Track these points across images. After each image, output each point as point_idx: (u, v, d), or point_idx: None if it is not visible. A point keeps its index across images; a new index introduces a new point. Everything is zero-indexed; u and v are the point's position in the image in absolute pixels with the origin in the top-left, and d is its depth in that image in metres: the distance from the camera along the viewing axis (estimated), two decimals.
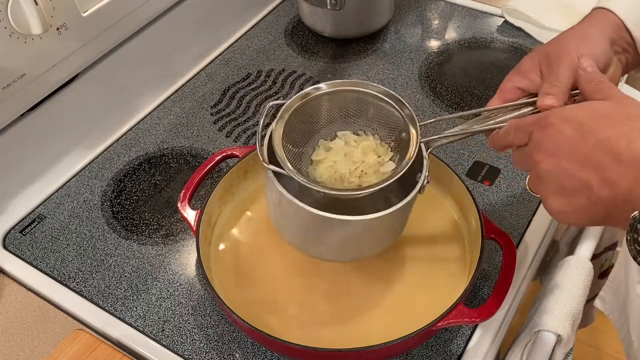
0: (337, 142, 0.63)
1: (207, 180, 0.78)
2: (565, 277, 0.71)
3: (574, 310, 0.68)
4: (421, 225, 0.72)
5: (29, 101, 0.76)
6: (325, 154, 0.62)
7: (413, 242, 0.70)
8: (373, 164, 0.61)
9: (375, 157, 0.61)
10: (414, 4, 1.08)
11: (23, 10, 0.67)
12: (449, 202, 0.73)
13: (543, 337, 0.66)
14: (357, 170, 0.61)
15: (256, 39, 1.04)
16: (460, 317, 0.59)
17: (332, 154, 0.62)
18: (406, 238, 0.71)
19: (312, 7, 0.99)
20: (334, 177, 0.61)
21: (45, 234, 0.77)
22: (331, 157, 0.62)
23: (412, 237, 0.71)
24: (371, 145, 0.62)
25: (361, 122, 0.63)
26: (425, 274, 0.68)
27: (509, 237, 0.65)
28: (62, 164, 0.84)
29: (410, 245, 0.70)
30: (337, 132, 0.63)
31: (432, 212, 0.73)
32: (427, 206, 0.73)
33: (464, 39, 1.01)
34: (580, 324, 0.75)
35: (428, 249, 0.70)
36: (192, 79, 0.97)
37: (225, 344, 0.66)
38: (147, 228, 0.77)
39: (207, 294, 0.70)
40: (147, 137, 0.89)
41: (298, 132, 0.61)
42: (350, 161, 0.61)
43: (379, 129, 0.63)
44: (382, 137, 0.63)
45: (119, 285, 0.71)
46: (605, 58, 0.58)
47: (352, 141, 0.63)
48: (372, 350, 0.58)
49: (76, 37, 0.76)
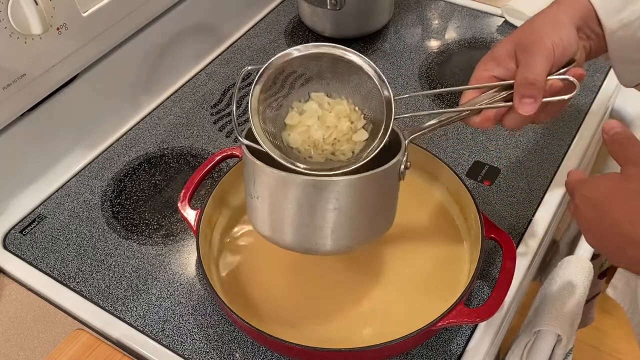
0: (310, 105, 0.62)
1: (207, 180, 0.78)
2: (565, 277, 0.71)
3: (574, 310, 0.68)
4: (421, 225, 0.72)
5: (29, 101, 0.76)
6: (298, 117, 0.61)
7: (413, 242, 0.71)
8: (346, 131, 0.60)
9: (348, 123, 0.60)
10: (414, 4, 1.08)
11: (23, 10, 0.67)
12: (449, 202, 0.73)
13: (543, 337, 0.66)
14: (330, 137, 0.60)
15: (256, 39, 1.04)
16: (460, 317, 0.59)
17: (305, 117, 0.61)
18: (406, 238, 0.71)
19: (312, 7, 0.99)
20: (308, 143, 0.60)
21: (45, 234, 0.77)
22: (305, 121, 0.61)
23: (412, 237, 0.71)
24: (344, 109, 0.61)
25: (336, 84, 0.62)
26: (425, 274, 0.68)
27: (509, 237, 0.65)
28: (62, 164, 0.84)
29: (410, 245, 0.70)
30: (311, 94, 0.62)
31: (432, 212, 0.73)
32: (426, 206, 0.73)
33: (464, 39, 1.01)
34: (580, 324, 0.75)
35: (428, 249, 0.70)
36: (192, 79, 0.97)
37: (225, 344, 0.66)
38: (147, 228, 0.77)
39: (207, 294, 0.70)
40: (147, 137, 0.89)
41: (273, 94, 0.60)
42: (324, 126, 0.60)
43: (353, 94, 0.62)
44: (356, 102, 0.62)
45: (119, 285, 0.72)
46: (575, 46, 0.58)
47: (326, 104, 0.62)
48: (372, 350, 0.58)
49: (76, 37, 0.76)
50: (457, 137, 0.85)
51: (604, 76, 0.92)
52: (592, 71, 0.92)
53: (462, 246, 0.70)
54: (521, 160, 0.82)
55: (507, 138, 0.84)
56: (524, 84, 0.56)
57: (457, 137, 0.85)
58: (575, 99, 0.88)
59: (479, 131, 0.85)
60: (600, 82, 0.91)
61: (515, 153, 0.82)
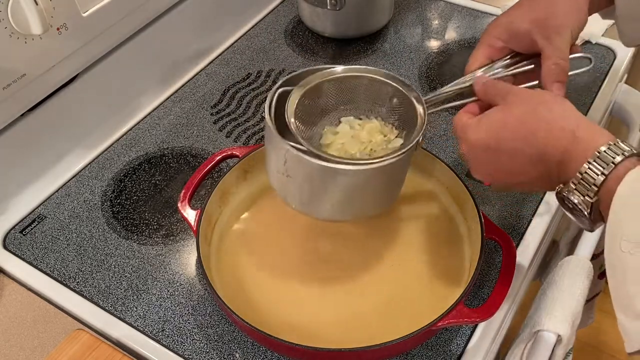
0: (342, 127, 0.64)
1: (207, 180, 0.78)
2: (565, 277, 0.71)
3: (574, 310, 0.68)
4: (421, 225, 0.72)
5: (29, 101, 0.76)
6: (333, 137, 0.64)
7: (412, 242, 0.71)
8: (381, 143, 0.63)
9: (381, 136, 0.63)
10: (414, 4, 1.08)
11: (23, 10, 0.67)
12: (449, 202, 0.73)
13: (543, 337, 0.66)
14: (366, 150, 0.62)
15: (256, 39, 1.04)
16: (460, 317, 0.59)
17: (339, 137, 0.63)
18: (405, 238, 0.71)
19: (312, 7, 0.99)
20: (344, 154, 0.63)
21: (45, 234, 0.77)
22: (339, 139, 0.63)
23: (412, 237, 0.71)
24: (376, 126, 0.64)
25: (363, 107, 0.65)
26: (425, 274, 0.68)
27: (509, 237, 0.65)
28: (62, 164, 0.84)
29: (410, 245, 0.70)
30: (341, 119, 0.65)
31: (432, 212, 0.73)
32: (427, 206, 0.73)
33: (464, 39, 1.01)
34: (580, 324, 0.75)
35: (428, 249, 0.70)
36: (192, 79, 0.97)
37: (225, 344, 0.66)
38: (147, 228, 0.77)
39: (207, 294, 0.70)
40: (147, 137, 0.89)
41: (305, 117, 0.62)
42: (358, 142, 0.63)
43: (379, 111, 0.64)
44: (384, 117, 0.64)
45: (119, 285, 0.72)
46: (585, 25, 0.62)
47: (357, 125, 0.64)
48: (372, 350, 0.58)
49: (76, 37, 0.76)
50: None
51: (604, 76, 0.92)
52: (592, 71, 0.92)
53: (462, 246, 0.69)
54: None
55: None
56: (558, 70, 0.59)
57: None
58: (575, 99, 0.89)
59: None
60: (600, 82, 0.91)
61: None
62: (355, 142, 0.63)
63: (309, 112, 0.63)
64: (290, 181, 0.61)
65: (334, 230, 0.72)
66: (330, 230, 0.72)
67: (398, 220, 0.72)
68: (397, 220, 0.72)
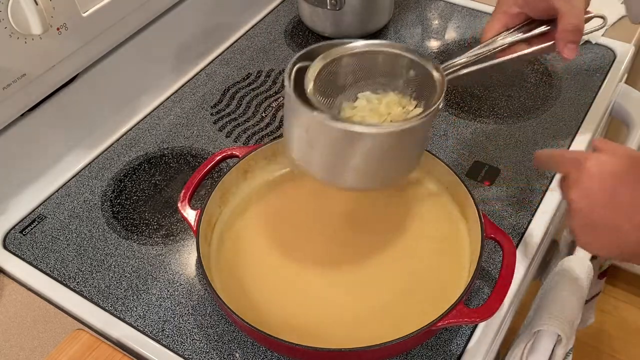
0: (360, 102, 0.64)
1: (207, 180, 0.78)
2: (565, 277, 0.71)
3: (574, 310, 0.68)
4: (420, 225, 0.72)
5: (29, 101, 0.76)
6: (352, 111, 0.63)
7: (412, 242, 0.70)
8: (400, 114, 0.62)
9: (400, 108, 0.63)
10: (414, 4, 1.08)
11: (23, 10, 0.67)
12: (449, 202, 0.73)
13: (543, 337, 0.66)
14: (385, 122, 0.62)
15: (256, 39, 1.04)
16: (460, 317, 0.59)
17: (357, 110, 0.63)
18: (405, 238, 0.71)
19: (312, 7, 0.99)
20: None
21: (45, 234, 0.77)
22: (359, 113, 0.63)
23: (412, 237, 0.71)
24: (394, 99, 0.63)
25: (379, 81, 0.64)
26: (425, 273, 0.68)
27: (509, 237, 0.65)
28: (62, 164, 0.84)
29: (410, 245, 0.70)
30: (358, 94, 0.64)
31: (432, 212, 0.73)
32: (427, 206, 0.73)
33: (464, 39, 1.01)
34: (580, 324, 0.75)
35: (427, 248, 0.70)
36: (192, 79, 0.97)
37: (225, 344, 0.66)
38: (147, 228, 0.77)
39: (207, 294, 0.70)
40: (147, 137, 0.89)
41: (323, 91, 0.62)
42: (377, 115, 0.63)
43: (396, 84, 0.64)
44: (401, 90, 0.64)
45: (119, 285, 0.72)
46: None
47: (374, 100, 0.64)
48: (372, 350, 0.58)
49: (76, 37, 0.76)
50: (457, 137, 0.85)
51: (604, 76, 0.92)
52: (592, 71, 0.92)
53: (462, 246, 0.69)
54: (521, 160, 0.82)
55: (507, 138, 0.84)
56: (573, 30, 0.59)
57: (457, 137, 0.85)
58: (575, 99, 0.89)
59: (479, 131, 0.85)
60: (600, 82, 0.91)
61: (515, 153, 0.82)
62: (374, 115, 0.63)
63: (327, 86, 0.63)
64: (313, 150, 0.60)
65: (332, 232, 0.72)
66: (329, 231, 0.72)
67: (397, 220, 0.72)
68: (396, 220, 0.72)
